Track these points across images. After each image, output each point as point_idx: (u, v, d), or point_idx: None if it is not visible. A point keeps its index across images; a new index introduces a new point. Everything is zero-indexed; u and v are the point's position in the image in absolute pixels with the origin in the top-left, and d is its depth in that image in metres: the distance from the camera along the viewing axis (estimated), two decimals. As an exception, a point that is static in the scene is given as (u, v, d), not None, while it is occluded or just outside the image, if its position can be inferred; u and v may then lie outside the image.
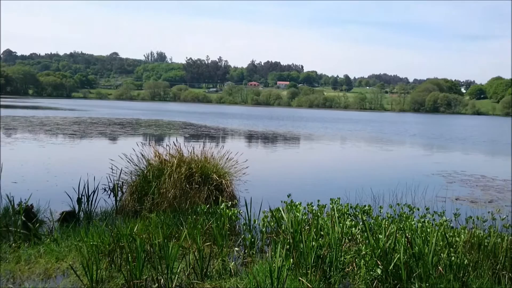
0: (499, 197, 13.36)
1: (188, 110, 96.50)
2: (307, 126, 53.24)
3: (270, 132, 40.23)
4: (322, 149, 27.89)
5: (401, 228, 7.42)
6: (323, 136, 37.60)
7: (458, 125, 76.17)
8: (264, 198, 9.91)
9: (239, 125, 49.56)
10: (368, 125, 62.22)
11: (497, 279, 6.04)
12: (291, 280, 5.70)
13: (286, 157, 22.81)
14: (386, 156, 25.09)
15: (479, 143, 37.12)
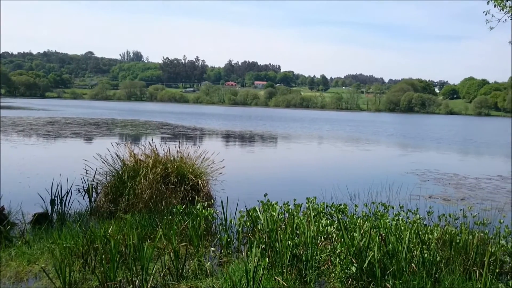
0: (470, 195, 13.65)
1: (164, 110, 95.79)
2: (284, 126, 53.45)
3: (248, 132, 40.23)
4: (299, 148, 28.02)
5: (375, 226, 7.52)
6: (300, 136, 37.78)
7: (432, 124, 77.54)
8: (240, 197, 9.90)
9: (216, 125, 49.43)
10: (345, 125, 62.81)
11: (468, 275, 6.17)
12: (267, 279, 5.71)
13: (263, 157, 22.84)
14: (362, 156, 25.37)
15: (452, 142, 37.86)
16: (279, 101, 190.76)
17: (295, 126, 53.93)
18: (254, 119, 68.06)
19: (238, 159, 21.29)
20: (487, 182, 16.40)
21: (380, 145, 32.68)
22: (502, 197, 13.58)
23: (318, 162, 22.08)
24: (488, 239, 7.09)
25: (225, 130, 41.68)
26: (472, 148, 33.58)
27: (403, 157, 25.14)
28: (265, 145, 29.23)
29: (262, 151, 25.29)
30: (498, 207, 11.54)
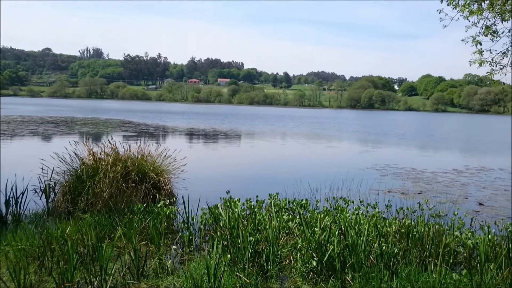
0: (427, 189, 14.08)
1: (126, 108, 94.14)
2: (248, 123, 53.53)
3: (211, 129, 40.08)
4: (262, 146, 28.13)
5: (336, 220, 7.65)
6: (263, 133, 37.94)
7: (392, 120, 79.45)
8: (203, 195, 9.84)
9: (179, 122, 48.99)
10: (308, 121, 63.49)
11: (424, 266, 6.36)
12: (228, 276, 5.71)
13: (226, 154, 22.82)
14: (324, 152, 25.72)
15: (411, 138, 38.91)
16: (243, 98, 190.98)
17: (258, 123, 54.10)
18: (217, 117, 67.84)
19: (201, 157, 21.19)
20: (443, 176, 16.95)
21: (342, 142, 33.22)
22: (457, 190, 14.07)
23: (281, 159, 22.22)
24: (443, 230, 7.33)
25: (188, 127, 41.36)
26: (430, 143, 34.60)
27: (364, 153, 25.65)
28: (228, 142, 29.20)
29: (226, 149, 25.26)
30: (452, 200, 11.95)
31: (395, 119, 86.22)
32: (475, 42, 7.71)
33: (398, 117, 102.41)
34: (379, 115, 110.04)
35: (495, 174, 17.87)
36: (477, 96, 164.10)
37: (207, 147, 26.19)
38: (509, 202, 12.65)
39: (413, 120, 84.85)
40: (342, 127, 52.48)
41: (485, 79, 18.03)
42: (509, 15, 7.69)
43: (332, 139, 34.51)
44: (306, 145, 29.04)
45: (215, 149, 25.15)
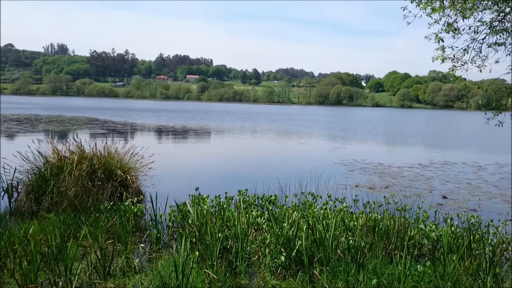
0: (394, 183, 14.37)
1: (93, 105, 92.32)
2: (218, 119, 53.35)
3: (180, 126, 39.76)
4: (232, 142, 28.10)
5: (304, 215, 7.71)
6: (233, 130, 37.90)
7: (361, 116, 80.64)
8: (172, 192, 9.75)
9: (148, 119, 48.39)
10: (277, 118, 63.76)
11: (389, 258, 6.49)
12: (197, 273, 5.69)
13: (196, 151, 22.68)
14: (294, 148, 25.89)
15: (379, 134, 39.60)
16: (212, 95, 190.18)
17: (228, 120, 53.99)
18: (187, 113, 67.34)
19: (170, 154, 21.00)
20: (409, 170, 17.33)
21: (311, 138, 33.50)
22: (421, 184, 14.41)
23: (251, 155, 22.25)
24: (408, 223, 7.49)
25: (157, 125, 40.89)
26: (396, 139, 35.31)
27: (332, 149, 25.94)
28: (198, 139, 29.02)
29: (195, 146, 25.10)
30: (417, 194, 12.24)
31: (363, 115, 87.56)
32: (437, 39, 7.89)
33: (365, 113, 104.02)
34: (347, 111, 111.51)
35: (458, 168, 18.38)
36: (441, 92, 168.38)
37: (177, 144, 25.97)
38: (470, 194, 13.04)
39: (380, 116, 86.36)
40: (311, 123, 52.93)
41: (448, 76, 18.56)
42: (470, 12, 7.91)
43: (301, 135, 34.77)
44: (276, 142, 29.16)
45: (184, 146, 24.96)
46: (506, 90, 8.12)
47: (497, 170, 18.21)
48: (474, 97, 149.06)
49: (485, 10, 8.03)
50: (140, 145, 11.54)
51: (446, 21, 8.03)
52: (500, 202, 12.13)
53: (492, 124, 8.66)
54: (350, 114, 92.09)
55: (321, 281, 5.76)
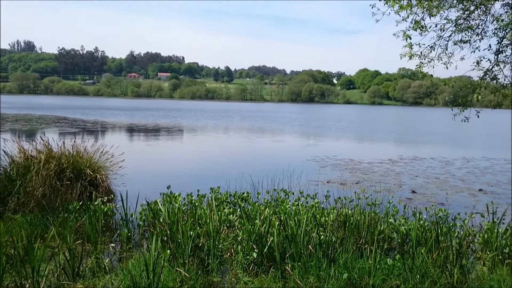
0: (364, 178, 14.57)
1: (62, 104, 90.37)
2: (191, 117, 53.02)
3: (153, 124, 39.34)
4: (205, 140, 27.97)
5: (276, 212, 7.74)
6: (206, 128, 37.74)
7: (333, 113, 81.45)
8: (143, 191, 9.65)
9: (119, 118, 47.69)
10: (250, 115, 63.79)
11: (360, 253, 6.58)
12: (168, 272, 5.64)
13: (168, 149, 22.48)
14: (266, 145, 25.94)
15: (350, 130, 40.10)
16: (184, 92, 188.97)
17: (201, 117, 53.72)
18: (159, 111, 66.67)
19: (142, 152, 20.75)
20: (379, 166, 17.61)
21: (284, 135, 33.65)
22: (391, 179, 14.66)
23: (223, 153, 22.19)
24: (378, 218, 7.61)
25: (128, 123, 40.35)
26: (367, 135, 35.81)
27: (304, 146, 26.10)
28: (170, 137, 28.78)
29: (167, 144, 24.88)
30: (387, 189, 12.45)
31: (335, 112, 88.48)
32: (405, 36, 8.02)
33: (337, 110, 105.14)
34: (319, 109, 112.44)
35: (426, 163, 18.78)
36: (411, 89, 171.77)
37: (148, 142, 25.68)
38: (438, 189, 13.34)
39: (351, 113, 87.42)
40: (284, 120, 53.16)
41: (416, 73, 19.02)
42: (436, 10, 8.07)
43: (274, 133, 34.89)
44: (249, 139, 29.17)
45: (156, 144, 24.71)
46: (471, 86, 8.33)
47: (464, 165, 18.69)
48: (442, 94, 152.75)
49: (450, 8, 8.20)
50: (110, 143, 11.38)
51: (413, 19, 8.17)
52: (466, 196, 12.45)
53: (460, 119, 8.86)
54: (322, 111, 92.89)
55: (293, 276, 5.80)
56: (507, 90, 8.43)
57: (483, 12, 8.00)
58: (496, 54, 7.96)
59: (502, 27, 7.51)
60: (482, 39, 8.16)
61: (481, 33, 8.11)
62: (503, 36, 7.71)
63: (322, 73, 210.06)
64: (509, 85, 8.30)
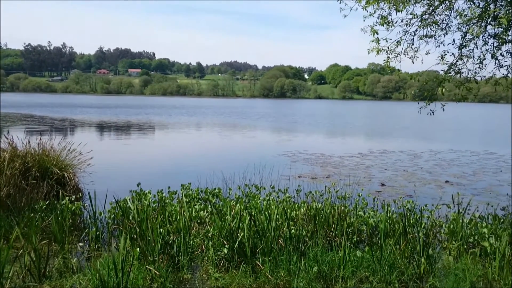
0: (335, 172, 14.73)
1: (29, 101, 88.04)
2: (162, 114, 52.50)
3: (123, 121, 38.78)
4: (177, 137, 27.75)
5: (247, 207, 7.74)
6: (178, 124, 37.43)
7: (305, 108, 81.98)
8: (113, 189, 9.50)
9: (88, 115, 46.81)
10: (222, 111, 63.60)
11: (330, 245, 6.65)
12: (138, 270, 5.57)
13: (139, 146, 22.19)
14: (238, 141, 25.92)
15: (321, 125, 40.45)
16: (155, 89, 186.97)
17: (173, 114, 53.26)
18: (130, 108, 65.77)
19: (112, 150, 20.43)
20: (350, 159, 17.83)
21: (256, 130, 33.69)
22: (361, 172, 14.87)
23: (196, 149, 22.06)
24: (348, 211, 7.70)
25: (98, 120, 39.64)
26: (338, 129, 36.20)
27: (276, 141, 26.20)
28: (142, 134, 28.41)
29: (138, 141, 24.56)
30: (357, 182, 12.62)
31: (307, 107, 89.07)
32: (372, 32, 8.11)
33: (309, 105, 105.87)
34: (291, 104, 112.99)
35: (395, 156, 19.12)
36: (380, 84, 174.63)
37: (119, 139, 25.28)
38: (407, 181, 13.61)
39: (322, 108, 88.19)
40: (256, 116, 53.20)
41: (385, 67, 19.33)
42: (402, 6, 8.19)
43: (246, 129, 34.89)
44: (221, 135, 29.09)
45: (127, 141, 24.36)
46: (436, 80, 8.51)
47: (431, 157, 19.11)
48: (411, 88, 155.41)
49: (416, 3, 8.34)
50: (79, 141, 11.16)
51: (380, 14, 8.27)
52: (433, 188, 12.73)
53: (429, 113, 9.04)
54: (294, 106, 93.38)
55: (264, 271, 5.81)
56: (471, 83, 8.64)
57: (447, 7, 8.16)
58: (459, 49, 8.14)
59: (465, 22, 7.68)
60: (446, 34, 8.34)
61: (445, 28, 8.28)
62: (466, 31, 7.89)
63: (294, 68, 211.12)
64: (472, 79, 8.51)
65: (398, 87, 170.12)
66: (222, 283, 5.70)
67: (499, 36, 7.70)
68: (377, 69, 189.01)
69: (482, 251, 6.60)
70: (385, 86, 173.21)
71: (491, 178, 14.42)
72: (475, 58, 8.25)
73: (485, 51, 8.13)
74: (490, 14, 7.10)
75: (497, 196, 11.72)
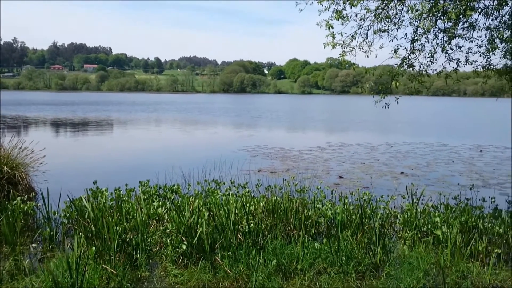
0: (294, 166, 14.87)
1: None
2: (121, 110, 51.45)
3: (79, 118, 37.74)
4: (136, 133, 27.27)
5: (206, 203, 7.69)
6: (137, 120, 36.79)
7: (265, 103, 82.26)
8: (68, 188, 9.23)
9: (42, 112, 45.27)
10: (182, 107, 62.97)
11: (288, 238, 6.71)
12: (93, 270, 5.44)
13: (96, 144, 21.66)
14: (198, 137, 25.75)
15: (280, 119, 40.72)
16: (113, 85, 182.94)
17: (132, 110, 52.28)
18: (87, 105, 64.08)
19: (67, 148, 19.86)
20: (308, 153, 18.04)
21: (217, 126, 33.56)
22: (320, 165, 15.08)
23: (155, 146, 21.73)
24: (307, 204, 7.79)
25: (53, 117, 38.42)
26: (297, 123, 36.55)
27: (236, 136, 26.19)
28: (99, 131, 27.74)
29: (96, 138, 23.97)
30: (316, 175, 12.78)
31: (267, 102, 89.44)
32: (328, 26, 8.19)
33: (269, 100, 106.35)
34: (251, 99, 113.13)
35: (353, 149, 19.50)
36: (338, 78, 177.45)
37: (75, 137, 24.59)
38: (364, 173, 13.90)
39: (282, 103, 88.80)
40: (216, 111, 52.98)
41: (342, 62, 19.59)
42: (357, 1, 8.31)
43: (207, 124, 34.69)
44: (182, 131, 28.81)
45: (84, 139, 23.71)
46: (390, 74, 8.69)
47: (387, 150, 19.60)
48: (367, 82, 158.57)
49: (370, -2, 8.48)
50: (32, 139, 10.77)
51: (335, 9, 8.35)
52: (389, 179, 13.07)
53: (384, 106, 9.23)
54: (255, 101, 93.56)
55: (223, 266, 5.80)
56: (423, 77, 8.88)
57: (399, 2, 8.34)
58: (412, 43, 8.34)
59: (417, 17, 7.87)
60: (399, 28, 8.51)
61: (398, 22, 8.46)
62: (418, 25, 8.09)
63: (253, 63, 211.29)
64: (424, 72, 8.75)
65: (356, 81, 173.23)
66: (181, 280, 5.65)
67: (448, 30, 7.94)
68: (335, 64, 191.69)
69: (434, 239, 6.82)
70: (343, 80, 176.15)
71: (444, 169, 14.94)
72: (426, 52, 8.48)
73: (436, 45, 8.36)
74: (440, 9, 7.30)
75: (449, 186, 12.15)
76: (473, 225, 7.02)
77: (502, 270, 5.95)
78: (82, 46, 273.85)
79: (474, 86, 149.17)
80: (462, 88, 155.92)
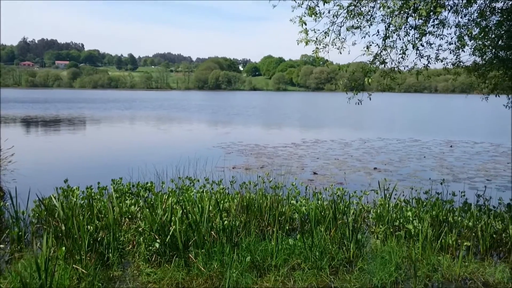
0: (269, 163, 14.89)
1: None
2: (94, 108, 50.59)
3: (51, 116, 36.94)
4: (109, 131, 26.87)
5: (180, 200, 7.62)
6: (111, 118, 36.24)
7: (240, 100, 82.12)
8: (38, 187, 9.02)
9: (11, 110, 44.14)
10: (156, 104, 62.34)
11: (263, 235, 6.70)
12: (63, 270, 5.32)
13: (68, 142, 21.23)
14: (173, 134, 25.53)
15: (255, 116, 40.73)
16: (85, 81, 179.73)
17: (106, 107, 51.47)
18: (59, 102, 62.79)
19: (37, 146, 19.41)
20: (283, 149, 18.10)
21: (192, 123, 33.33)
22: (295, 162, 15.14)
23: (128, 143, 21.45)
24: (281, 200, 7.80)
25: (23, 115, 37.48)
26: (272, 120, 36.62)
27: (211, 133, 26.09)
28: (71, 129, 27.20)
29: (67, 136, 23.49)
30: (291, 171, 12.83)
31: (242, 99, 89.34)
32: (301, 22, 8.20)
33: (244, 97, 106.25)
34: (226, 96, 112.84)
35: (327, 145, 19.64)
36: (313, 75, 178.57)
37: (46, 135, 24.04)
38: (338, 169, 14.02)
39: (257, 100, 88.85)
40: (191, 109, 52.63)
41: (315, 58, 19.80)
42: (330, -2, 8.33)
43: (181, 122, 34.43)
44: (156, 129, 28.52)
45: (55, 137, 23.21)
46: (362, 70, 8.76)
47: (361, 146, 19.82)
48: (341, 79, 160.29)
49: (343, -5, 8.51)
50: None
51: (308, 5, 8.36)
52: (363, 175, 13.21)
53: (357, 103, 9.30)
54: (230, 98, 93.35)
55: (197, 263, 5.75)
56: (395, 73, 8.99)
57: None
58: (384, 39, 8.42)
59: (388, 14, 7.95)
60: (371, 25, 8.58)
61: (370, 19, 8.52)
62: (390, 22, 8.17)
63: (228, 60, 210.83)
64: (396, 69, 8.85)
65: (330, 78, 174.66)
66: (154, 278, 5.58)
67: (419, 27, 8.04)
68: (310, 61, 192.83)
69: (406, 234, 6.92)
70: (318, 77, 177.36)
71: (415, 164, 15.20)
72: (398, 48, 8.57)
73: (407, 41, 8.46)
74: (411, 6, 7.39)
75: (421, 181, 12.36)
76: (444, 219, 7.16)
77: (471, 262, 6.07)
78: (53, 42, 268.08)
79: (444, 83, 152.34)
80: (433, 85, 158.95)
